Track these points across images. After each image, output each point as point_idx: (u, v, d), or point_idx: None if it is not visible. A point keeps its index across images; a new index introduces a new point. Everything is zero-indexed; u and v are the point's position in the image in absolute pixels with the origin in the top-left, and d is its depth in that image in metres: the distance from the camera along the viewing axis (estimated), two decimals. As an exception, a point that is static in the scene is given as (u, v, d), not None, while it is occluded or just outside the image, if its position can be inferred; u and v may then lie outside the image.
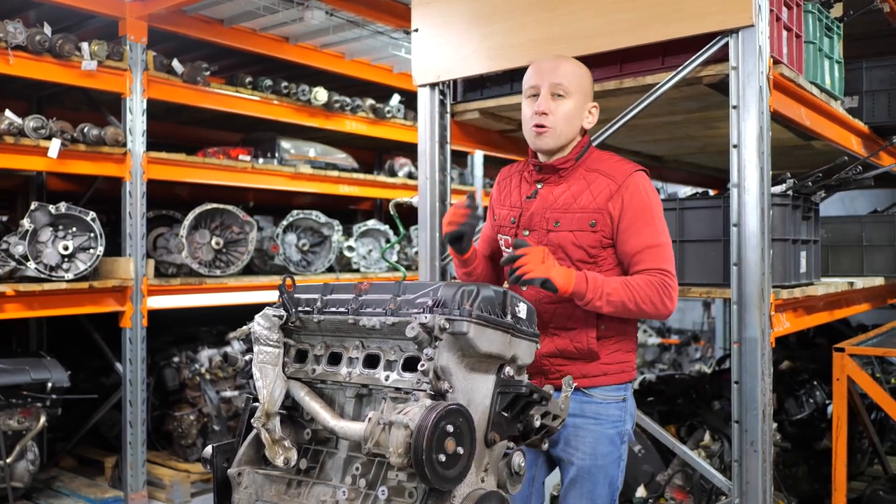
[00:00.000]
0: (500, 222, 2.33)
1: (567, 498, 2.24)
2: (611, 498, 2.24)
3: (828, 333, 5.41)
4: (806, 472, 4.00)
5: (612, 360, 2.21)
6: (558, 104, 2.19)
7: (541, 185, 2.25)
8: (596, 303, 2.04)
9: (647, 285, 2.08)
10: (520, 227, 2.24)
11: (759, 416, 2.57)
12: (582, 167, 2.22)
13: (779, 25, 2.77)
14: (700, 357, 9.05)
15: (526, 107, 2.24)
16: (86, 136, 4.43)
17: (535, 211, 2.22)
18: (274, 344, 1.90)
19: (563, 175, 2.22)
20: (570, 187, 2.20)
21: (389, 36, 5.37)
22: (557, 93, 2.19)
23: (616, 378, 2.22)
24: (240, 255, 5.18)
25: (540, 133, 2.19)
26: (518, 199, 2.28)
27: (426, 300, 1.72)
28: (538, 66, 2.25)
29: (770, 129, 2.64)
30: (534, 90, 2.22)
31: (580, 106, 2.23)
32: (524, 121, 2.26)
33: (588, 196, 2.16)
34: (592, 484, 2.19)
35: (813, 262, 3.27)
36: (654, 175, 5.42)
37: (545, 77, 2.20)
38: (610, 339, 2.20)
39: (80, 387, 4.99)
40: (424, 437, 1.51)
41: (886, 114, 3.90)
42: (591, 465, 2.19)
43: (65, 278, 4.24)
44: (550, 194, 2.22)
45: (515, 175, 2.36)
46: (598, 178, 2.18)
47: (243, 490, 1.89)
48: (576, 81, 2.22)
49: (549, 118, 2.18)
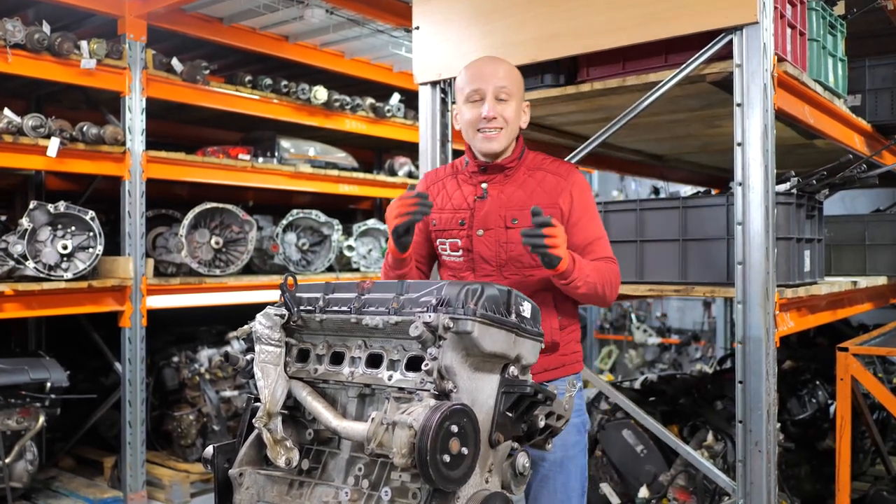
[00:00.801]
0: (441, 226, 2.31)
1: (539, 497, 2.25)
2: (582, 488, 2.30)
3: (829, 333, 5.40)
4: (808, 472, 3.99)
5: (568, 350, 2.28)
6: (504, 107, 2.21)
7: (486, 185, 2.26)
8: (577, 282, 2.07)
9: (610, 272, 2.18)
10: (473, 227, 2.24)
11: (764, 416, 2.56)
12: (523, 166, 2.27)
13: (783, 23, 2.76)
14: (700, 357, 9.03)
15: (467, 111, 2.23)
16: (85, 135, 4.41)
17: (490, 210, 2.23)
18: (276, 343, 1.87)
19: (509, 174, 2.26)
20: (521, 186, 2.24)
21: (390, 34, 5.35)
22: (501, 96, 2.20)
23: (573, 368, 2.30)
24: (239, 254, 5.16)
25: (490, 137, 2.21)
26: (463, 202, 2.28)
27: (430, 299, 1.69)
28: (479, 70, 2.24)
29: (774, 127, 2.63)
30: (477, 94, 2.21)
31: (520, 107, 2.27)
32: (466, 125, 2.24)
33: (541, 193, 2.22)
34: (566, 476, 2.25)
35: (817, 262, 3.26)
36: (656, 174, 5.41)
37: (489, 81, 2.20)
38: (566, 330, 2.27)
39: (80, 387, 4.97)
40: (429, 437, 1.49)
41: (889, 112, 3.89)
42: (563, 456, 2.23)
43: (64, 278, 4.22)
44: (501, 193, 2.24)
45: (448, 179, 2.36)
46: (545, 176, 2.25)
47: (245, 491, 1.86)
48: (516, 83, 2.25)
49: (498, 121, 2.20)
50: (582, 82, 3.04)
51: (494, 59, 2.31)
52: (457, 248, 2.27)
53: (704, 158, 5.16)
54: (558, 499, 2.25)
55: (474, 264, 2.24)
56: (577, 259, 2.08)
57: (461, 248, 2.26)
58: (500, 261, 2.21)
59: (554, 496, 2.24)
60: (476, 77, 2.22)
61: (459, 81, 2.27)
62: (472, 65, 2.27)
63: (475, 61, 2.28)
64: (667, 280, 3.08)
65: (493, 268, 2.22)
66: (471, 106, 2.23)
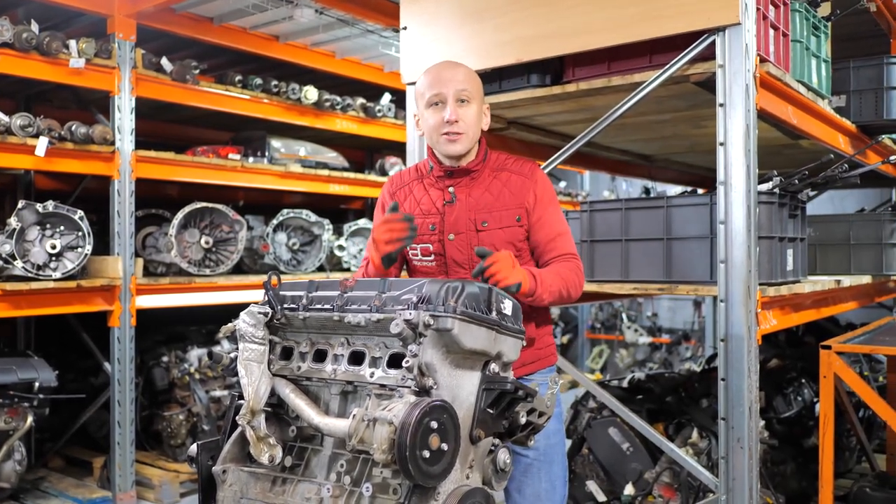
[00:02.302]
0: None
1: (522, 488, 2.29)
2: (565, 476, 2.34)
3: (817, 332, 5.43)
4: (794, 469, 4.02)
5: (542, 343, 2.34)
6: (465, 110, 2.22)
7: (453, 189, 2.28)
8: (543, 296, 2.10)
9: (570, 271, 2.21)
10: (444, 231, 2.26)
11: (746, 413, 2.58)
12: (487, 168, 2.29)
13: (765, 24, 2.78)
14: (691, 356, 9.08)
15: (429, 116, 2.24)
16: (74, 135, 4.41)
17: (459, 214, 2.25)
18: (259, 341, 1.89)
19: (475, 177, 2.28)
20: (487, 188, 2.27)
21: (380, 34, 5.37)
22: (462, 98, 2.22)
23: (548, 361, 2.36)
24: (229, 254, 5.16)
25: (454, 140, 2.22)
26: (431, 206, 2.30)
27: (411, 297, 1.71)
28: (438, 74, 2.26)
29: (756, 127, 2.65)
30: (438, 98, 2.22)
31: (480, 109, 2.28)
32: (430, 129, 2.25)
33: (507, 194, 2.25)
34: (549, 464, 2.30)
35: (800, 260, 3.28)
36: (643, 174, 5.44)
37: (449, 84, 2.22)
38: (541, 326, 2.33)
39: (69, 387, 4.97)
40: (408, 433, 1.50)
41: (874, 113, 3.92)
42: (546, 445, 2.28)
43: (52, 277, 4.22)
44: (469, 196, 2.26)
45: (414, 183, 2.38)
46: (510, 176, 2.28)
47: (228, 488, 1.88)
48: (475, 86, 2.27)
49: (461, 125, 2.21)
50: (568, 82, 3.06)
51: (453, 63, 2.33)
52: (428, 252, 2.29)
53: (692, 158, 5.19)
54: (543, 487, 2.29)
55: (447, 268, 2.27)
56: (538, 274, 2.10)
57: (433, 252, 2.28)
58: (473, 263, 2.22)
59: (539, 485, 2.28)
60: (436, 81, 2.24)
61: (419, 87, 2.28)
62: (431, 69, 2.29)
63: (434, 66, 2.30)
64: (651, 279, 3.11)
65: (467, 271, 2.24)
66: (433, 110, 2.24)
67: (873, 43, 4.99)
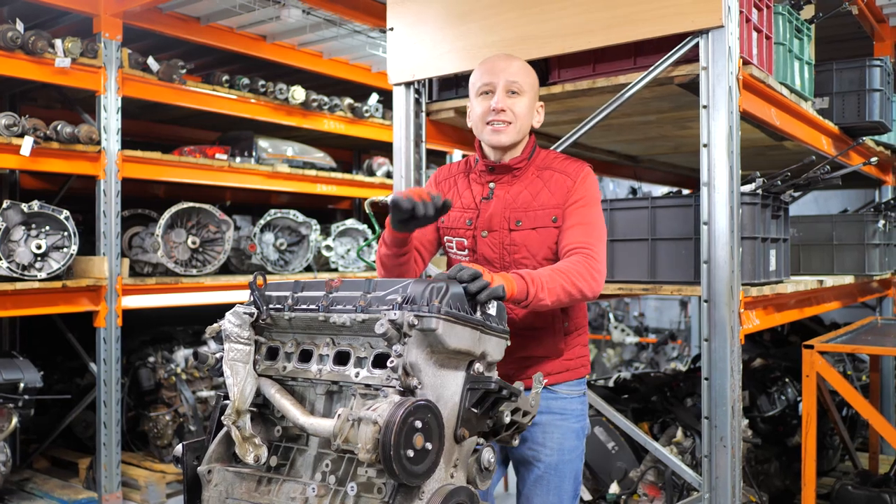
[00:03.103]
0: (449, 224, 2.30)
1: (532, 498, 2.26)
2: (575, 492, 2.28)
3: (801, 331, 5.48)
4: (778, 468, 4.05)
5: (573, 355, 2.26)
6: (514, 101, 2.19)
7: (493, 185, 2.25)
8: (541, 296, 1.96)
9: (574, 264, 2.05)
10: (478, 228, 2.23)
11: (729, 412, 2.61)
12: (532, 166, 2.25)
13: (749, 26, 2.81)
14: (677, 356, 9.14)
15: (477, 105, 2.22)
16: (59, 134, 4.39)
17: (495, 212, 2.21)
18: (244, 341, 1.89)
19: (517, 175, 2.24)
20: (527, 186, 2.22)
21: (367, 35, 5.37)
22: (512, 90, 2.19)
23: (577, 373, 2.28)
24: (216, 254, 5.15)
25: (499, 130, 2.19)
26: (471, 201, 2.26)
27: (396, 297, 1.72)
28: (491, 64, 2.23)
29: (739, 128, 2.68)
30: (488, 87, 2.20)
31: (532, 104, 2.25)
32: (476, 119, 2.23)
33: (546, 193, 2.19)
34: (560, 479, 2.23)
35: (782, 261, 3.31)
36: (629, 175, 5.47)
37: (500, 75, 2.19)
38: (572, 335, 2.25)
39: (54, 387, 4.95)
40: (392, 432, 1.51)
41: (856, 115, 3.96)
42: (559, 460, 2.23)
43: (37, 277, 4.20)
44: (507, 194, 2.22)
45: (459, 176, 2.34)
46: (553, 175, 2.21)
47: (213, 488, 1.88)
48: (529, 80, 2.23)
49: (508, 114, 2.18)
50: (553, 84, 3.07)
51: (509, 55, 2.30)
52: (463, 247, 2.27)
53: (677, 159, 5.23)
54: (551, 501, 2.24)
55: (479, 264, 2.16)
56: (527, 275, 1.96)
57: (467, 248, 2.26)
58: (504, 263, 2.20)
59: (546, 498, 2.23)
60: (488, 71, 2.21)
61: (472, 77, 2.26)
62: (485, 60, 2.27)
63: (490, 57, 2.28)
64: (636, 279, 3.13)
65: (498, 269, 2.18)
66: (481, 99, 2.21)
67: (856, 45, 5.04)
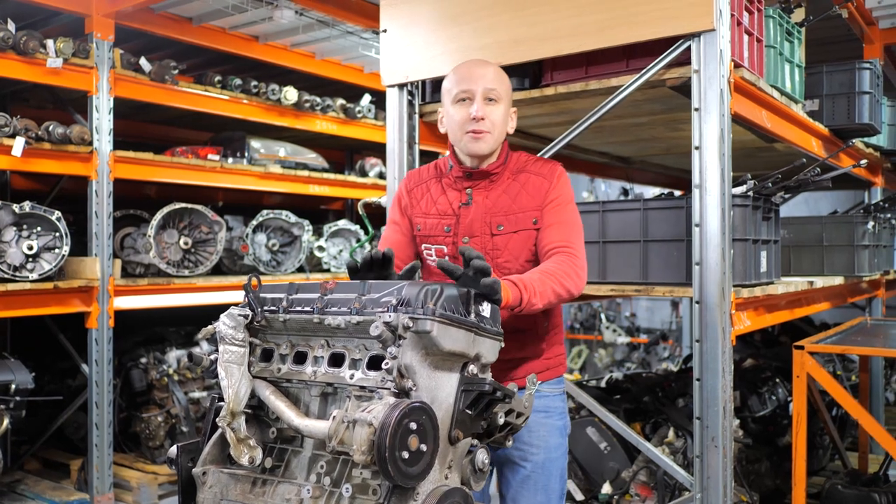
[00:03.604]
0: (426, 232, 2.30)
1: (518, 499, 2.27)
2: (562, 491, 2.31)
3: (792, 332, 5.52)
4: (769, 467, 4.08)
5: (552, 354, 2.31)
6: (492, 109, 2.19)
7: (471, 191, 2.25)
8: (534, 301, 1.96)
9: (558, 264, 2.08)
10: (458, 234, 2.23)
11: (720, 413, 2.63)
12: (507, 170, 2.26)
13: (740, 30, 2.83)
14: (668, 356, 9.17)
15: (455, 112, 2.21)
16: (51, 135, 4.38)
17: (475, 217, 2.22)
18: (239, 343, 1.89)
19: (494, 179, 2.24)
20: (505, 190, 2.23)
21: (360, 36, 5.38)
22: (490, 97, 2.18)
23: (556, 371, 2.32)
24: (209, 254, 5.15)
25: (478, 139, 2.18)
26: (448, 207, 2.26)
27: (390, 299, 1.73)
28: (468, 71, 2.22)
29: (731, 131, 2.69)
30: (465, 94, 2.19)
31: (508, 111, 2.26)
32: (454, 126, 2.21)
33: (525, 196, 2.21)
34: (547, 478, 2.26)
35: (773, 262, 3.34)
36: (622, 176, 5.49)
37: (478, 82, 2.18)
38: (550, 334, 2.29)
39: (46, 388, 4.93)
40: (387, 434, 1.52)
41: (846, 117, 3.99)
42: (545, 458, 2.26)
43: (29, 278, 4.19)
44: (486, 199, 2.23)
45: (431, 182, 2.34)
46: (529, 178, 2.23)
47: (208, 489, 1.88)
48: (504, 87, 2.24)
49: (487, 123, 2.18)
50: (546, 86, 3.09)
51: (483, 61, 2.30)
52: (442, 254, 2.26)
53: (669, 161, 5.25)
54: (538, 500, 2.26)
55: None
56: (519, 280, 1.96)
57: (447, 254, 2.24)
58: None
59: (535, 497, 2.25)
60: (465, 78, 2.20)
61: (447, 83, 2.25)
62: (460, 66, 2.26)
63: (464, 63, 2.28)
64: (628, 280, 3.14)
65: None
66: (459, 106, 2.20)
67: (846, 47, 5.08)
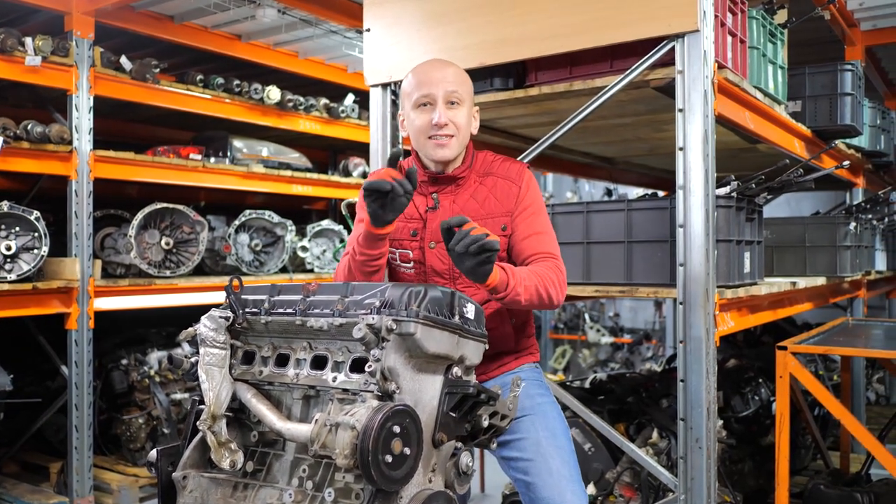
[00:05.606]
0: (392, 235, 2.19)
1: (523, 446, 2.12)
2: (565, 428, 2.17)
3: (774, 332, 5.54)
4: (751, 467, 4.09)
5: (524, 345, 2.30)
6: (455, 113, 2.12)
7: (437, 195, 2.20)
8: (518, 290, 1.95)
9: (547, 269, 2.05)
10: (425, 239, 2.18)
11: (704, 414, 2.63)
12: (473, 173, 2.21)
13: (723, 31, 2.83)
14: (652, 356, 9.21)
15: (416, 117, 2.13)
16: (30, 134, 4.32)
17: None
18: (220, 346, 1.87)
19: (461, 183, 2.20)
20: (473, 194, 2.18)
21: (343, 35, 5.35)
22: (452, 100, 2.11)
23: (529, 359, 2.32)
24: (190, 255, 5.10)
25: (442, 144, 2.12)
26: (414, 211, 2.20)
27: (374, 301, 1.71)
28: (427, 74, 2.14)
29: (715, 132, 2.70)
30: (426, 99, 2.11)
31: (470, 112, 2.19)
32: (416, 132, 2.14)
33: (493, 201, 2.17)
34: (542, 417, 2.14)
35: (756, 263, 3.35)
36: (605, 176, 5.50)
37: (438, 86, 2.11)
38: (521, 328, 2.28)
39: (25, 390, 4.85)
40: (370, 438, 1.50)
41: (828, 118, 4.01)
42: (531, 405, 2.15)
43: (7, 279, 4.13)
44: (454, 203, 2.18)
45: None
46: (496, 181, 2.19)
47: (188, 494, 1.86)
48: (466, 87, 2.17)
49: (450, 127, 2.11)
50: (531, 86, 3.08)
51: (443, 62, 2.22)
52: (408, 259, 2.20)
53: (653, 161, 5.27)
54: (542, 435, 2.11)
55: (426, 277, 2.18)
56: (508, 267, 1.97)
57: (412, 259, 2.19)
58: (454, 274, 2.14)
59: (537, 433, 2.11)
60: (425, 81, 2.12)
61: (406, 86, 2.18)
62: (419, 68, 2.18)
63: (422, 64, 2.20)
64: (612, 281, 3.14)
65: (447, 280, 2.15)
66: (420, 112, 2.12)
67: (828, 48, 5.12)
